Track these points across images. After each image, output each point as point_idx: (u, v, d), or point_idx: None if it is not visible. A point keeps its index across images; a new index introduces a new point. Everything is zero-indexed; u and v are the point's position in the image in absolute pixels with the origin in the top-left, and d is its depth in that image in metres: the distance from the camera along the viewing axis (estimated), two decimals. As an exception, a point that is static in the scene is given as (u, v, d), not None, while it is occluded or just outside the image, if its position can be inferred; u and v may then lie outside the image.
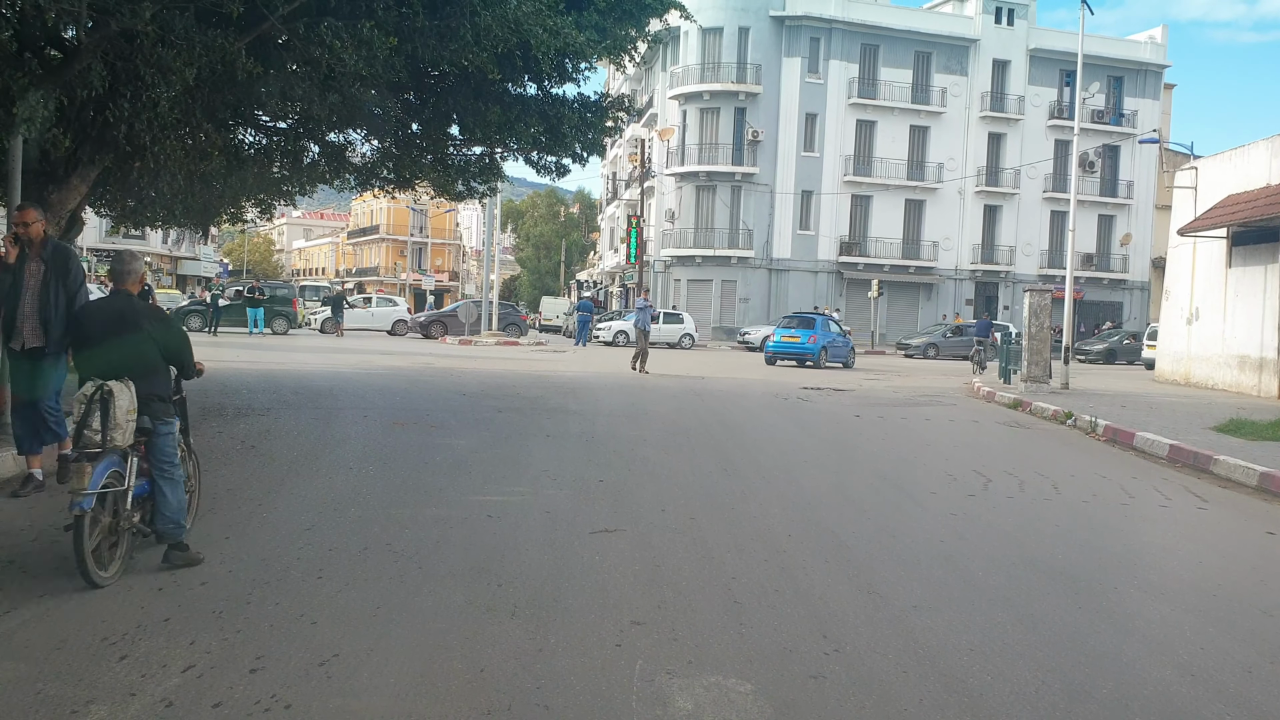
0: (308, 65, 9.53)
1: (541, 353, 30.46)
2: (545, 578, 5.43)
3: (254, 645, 4.21)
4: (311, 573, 5.31)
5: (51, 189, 9.92)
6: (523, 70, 11.82)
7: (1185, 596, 5.79)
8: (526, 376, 19.57)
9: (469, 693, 3.84)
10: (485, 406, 13.76)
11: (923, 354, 36.63)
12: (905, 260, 48.38)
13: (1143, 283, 51.31)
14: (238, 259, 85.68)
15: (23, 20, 8.45)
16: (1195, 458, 10.91)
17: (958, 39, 48.57)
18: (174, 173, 10.46)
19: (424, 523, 6.63)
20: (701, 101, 46.82)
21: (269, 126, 13.64)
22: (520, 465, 9.09)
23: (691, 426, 12.71)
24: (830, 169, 47.29)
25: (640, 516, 7.11)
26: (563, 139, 13.01)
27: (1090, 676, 4.34)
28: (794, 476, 9.33)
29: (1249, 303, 21.23)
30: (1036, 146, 49.41)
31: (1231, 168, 22.30)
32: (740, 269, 46.81)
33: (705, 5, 43.74)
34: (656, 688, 3.96)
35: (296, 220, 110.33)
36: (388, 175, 15.14)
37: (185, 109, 9.54)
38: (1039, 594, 5.60)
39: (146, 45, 8.37)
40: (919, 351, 37.07)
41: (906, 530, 7.13)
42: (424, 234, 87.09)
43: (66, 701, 3.61)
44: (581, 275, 74.98)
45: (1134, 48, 51.59)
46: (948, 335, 38.14)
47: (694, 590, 5.32)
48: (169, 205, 16.22)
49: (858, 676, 4.19)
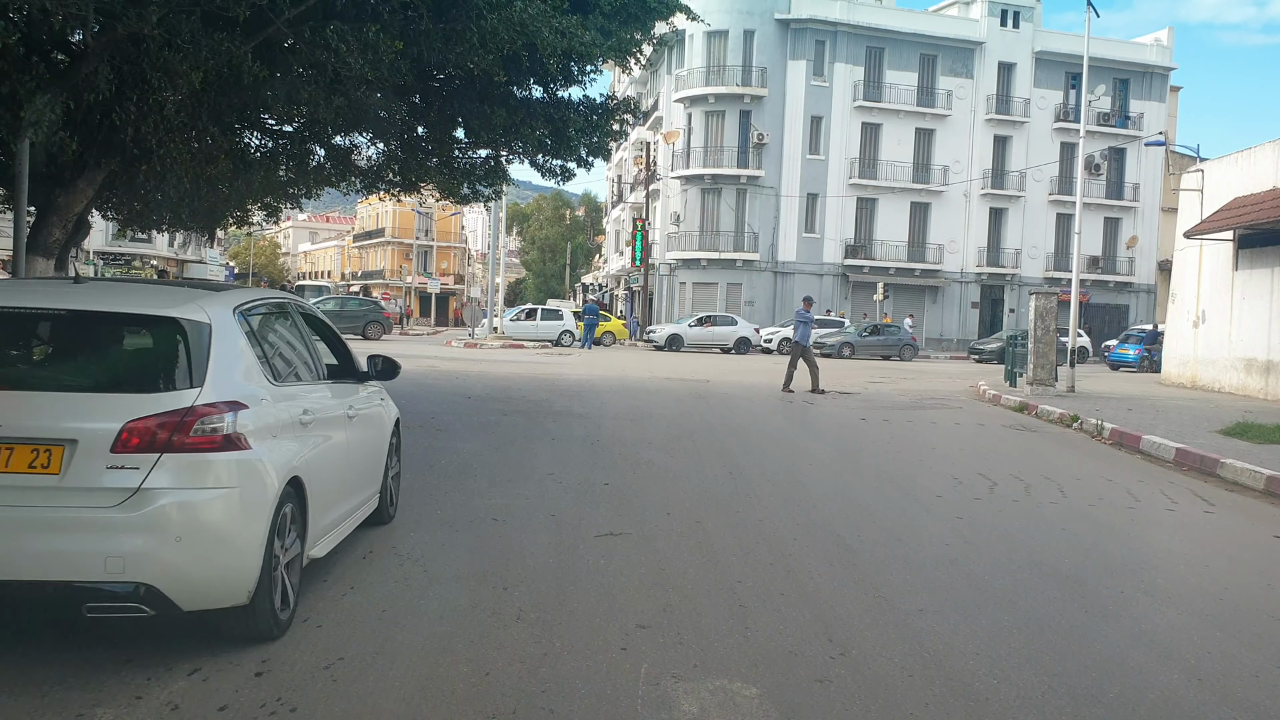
0: (313, 69, 9.56)
1: (547, 355, 30.48)
2: (550, 581, 5.43)
3: (259, 649, 4.21)
4: (316, 575, 5.31)
5: (58, 192, 9.96)
6: (528, 73, 11.85)
7: (1192, 600, 5.77)
8: (532, 379, 19.59)
9: (474, 696, 3.84)
10: (490, 409, 13.77)
11: (838, 353, 36.92)
12: (911, 263, 48.32)
13: (1149, 285, 51.18)
14: (244, 262, 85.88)
15: (30, 24, 8.48)
16: (1202, 461, 10.88)
17: (963, 42, 48.52)
18: (180, 176, 10.47)
19: (429, 526, 6.63)
20: (706, 104, 46.84)
21: (275, 130, 13.68)
22: (525, 468, 9.09)
23: (696, 429, 12.70)
24: (835, 172, 47.27)
25: (645, 520, 7.11)
26: (568, 142, 13.03)
27: (1096, 681, 4.32)
28: (799, 480, 9.32)
29: (1256, 305, 21.17)
30: (1042, 149, 49.33)
31: (1238, 170, 22.24)
32: (745, 272, 46.79)
33: (710, 8, 43.70)
34: (662, 691, 3.95)
35: (302, 223, 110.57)
36: (393, 178, 15.18)
37: (191, 112, 9.57)
38: (1045, 598, 5.58)
39: (153, 49, 8.40)
40: (834, 350, 37.32)
41: (912, 534, 7.12)
42: (429, 237, 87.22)
43: (72, 704, 3.61)
44: (587, 278, 75.05)
45: (1140, 50, 51.49)
46: (863, 334, 38.20)
47: (699, 594, 5.32)
48: (175, 208, 16.25)
49: (863, 680, 4.18)
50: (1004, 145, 49.51)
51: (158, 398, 4.04)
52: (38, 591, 3.81)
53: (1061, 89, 49.89)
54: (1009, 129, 49.36)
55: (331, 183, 15.68)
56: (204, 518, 3.98)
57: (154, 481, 3.87)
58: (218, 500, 4.02)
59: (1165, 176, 49.39)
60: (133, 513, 3.82)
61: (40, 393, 4.11)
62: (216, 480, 4.01)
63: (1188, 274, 24.38)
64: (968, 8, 50.11)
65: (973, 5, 49.77)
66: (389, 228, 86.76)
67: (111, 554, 3.77)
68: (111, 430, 3.87)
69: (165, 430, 3.93)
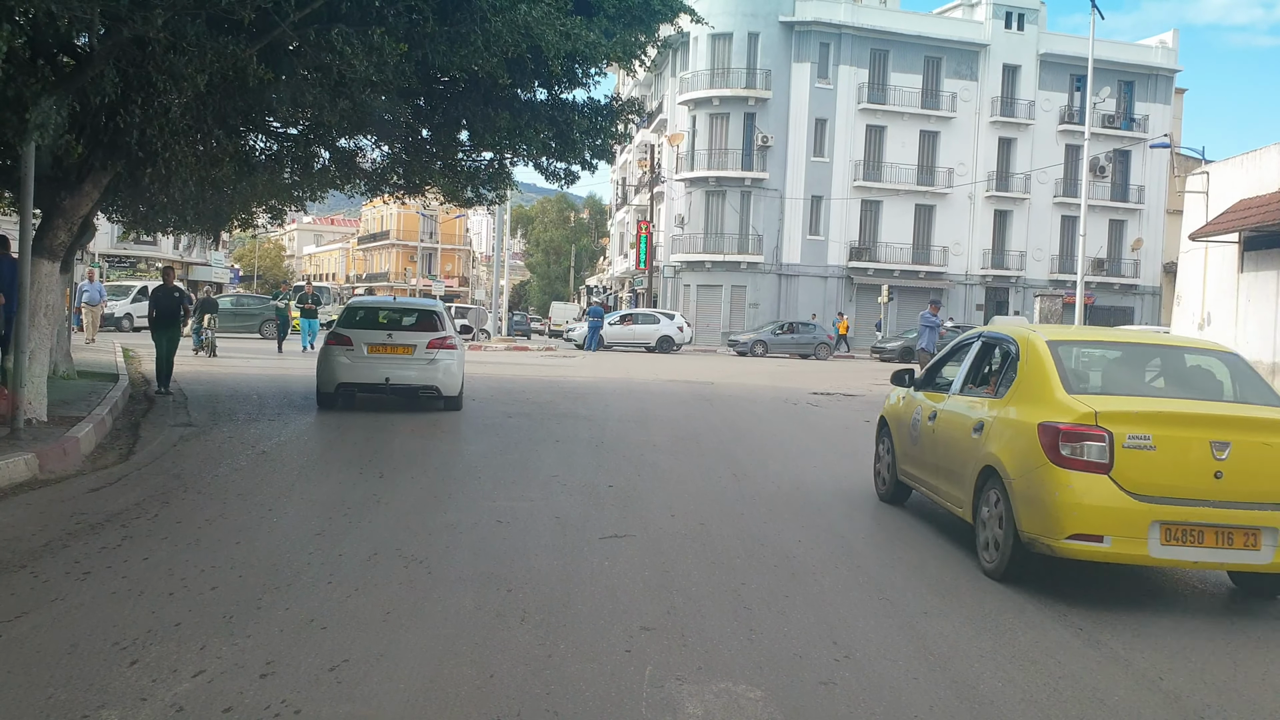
0: (319, 71, 9.56)
1: (551, 358, 30.48)
2: (555, 583, 5.43)
3: (264, 650, 4.22)
4: (321, 578, 5.32)
5: (64, 195, 9.98)
6: (533, 75, 11.85)
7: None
8: (536, 382, 19.60)
9: (478, 698, 3.84)
10: (495, 411, 13.78)
11: (749, 350, 37.12)
12: (915, 265, 48.27)
13: (1154, 288, 51.08)
14: (249, 264, 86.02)
15: (36, 27, 8.49)
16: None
17: (968, 44, 48.48)
18: (185, 179, 10.48)
19: (434, 528, 6.64)
20: (711, 107, 46.84)
21: (280, 132, 13.70)
22: (530, 470, 9.10)
23: (700, 431, 12.70)
24: (840, 174, 47.24)
25: (650, 522, 7.11)
26: (573, 145, 13.03)
27: (1103, 681, 4.31)
28: (803, 481, 9.31)
29: (1261, 308, 21.12)
30: (1047, 151, 49.27)
31: (1244, 172, 22.20)
32: (750, 274, 46.76)
33: (715, 11, 43.76)
34: (666, 694, 3.95)
35: (307, 226, 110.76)
36: (398, 181, 15.20)
37: (196, 115, 9.58)
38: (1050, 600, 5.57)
39: (158, 52, 8.41)
40: (747, 348, 37.49)
41: (917, 536, 7.11)
42: (434, 239, 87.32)
43: (78, 706, 3.61)
44: (591, 280, 75.01)
45: (1145, 52, 51.41)
46: (777, 333, 38.29)
47: (704, 596, 5.32)
48: (180, 211, 16.30)
49: (868, 682, 4.18)
50: (1009, 147, 49.45)
51: (432, 334, 13.14)
52: (424, 389, 13.11)
53: (1066, 91, 49.81)
54: (1014, 131, 49.30)
55: (336, 185, 15.71)
56: (448, 366, 13.13)
57: (436, 357, 12.98)
58: (453, 361, 13.23)
59: (1170, 179, 49.29)
60: (433, 363, 12.96)
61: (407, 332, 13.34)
62: (449, 356, 13.14)
63: (1193, 276, 24.33)
64: (972, 10, 50.08)
65: (977, 7, 49.72)
66: (393, 230, 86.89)
67: (429, 378, 12.97)
68: (426, 340, 13.00)
69: (437, 343, 13.04)
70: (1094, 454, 5.37)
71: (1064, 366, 6.01)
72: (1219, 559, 5.36)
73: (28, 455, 7.83)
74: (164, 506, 6.98)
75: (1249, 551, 5.28)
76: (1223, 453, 5.31)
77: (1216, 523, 5.26)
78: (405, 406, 13.62)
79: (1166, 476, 5.34)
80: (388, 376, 12.89)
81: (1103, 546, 5.31)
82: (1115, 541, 5.28)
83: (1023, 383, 6.14)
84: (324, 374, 13.13)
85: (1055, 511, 5.40)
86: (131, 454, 9.15)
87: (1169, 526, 5.25)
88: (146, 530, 6.23)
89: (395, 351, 12.99)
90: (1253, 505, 5.30)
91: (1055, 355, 6.09)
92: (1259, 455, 5.38)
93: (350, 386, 13.09)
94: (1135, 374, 6.48)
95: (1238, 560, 5.36)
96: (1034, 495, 5.55)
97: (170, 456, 9.07)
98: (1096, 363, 6.62)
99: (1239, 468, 5.31)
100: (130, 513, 6.69)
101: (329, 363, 13.04)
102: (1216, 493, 5.30)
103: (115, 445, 9.66)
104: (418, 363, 12.95)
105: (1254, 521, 5.26)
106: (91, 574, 5.23)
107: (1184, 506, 5.28)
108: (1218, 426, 5.42)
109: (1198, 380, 6.41)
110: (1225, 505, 5.29)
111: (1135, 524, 5.26)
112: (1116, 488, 5.32)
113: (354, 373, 12.91)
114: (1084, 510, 5.32)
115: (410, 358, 12.94)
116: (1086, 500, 5.32)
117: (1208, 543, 5.27)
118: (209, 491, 7.63)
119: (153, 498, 7.24)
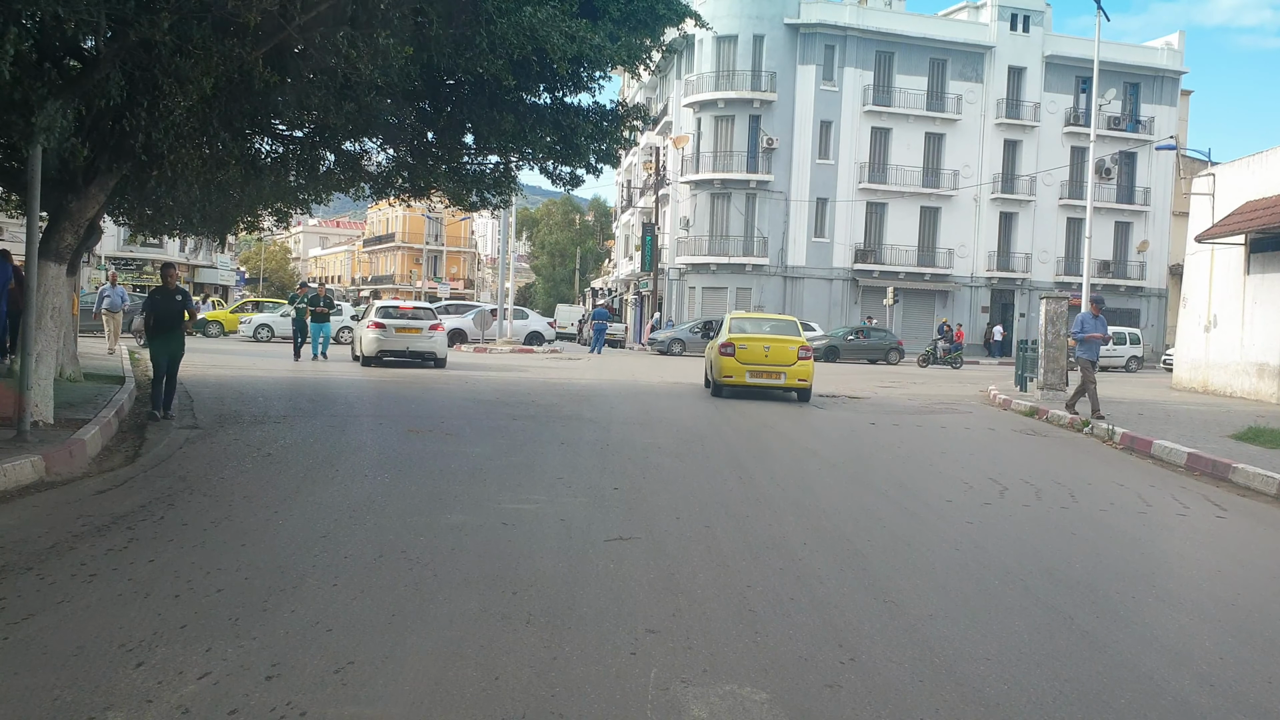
0: (324, 74, 9.60)
1: (556, 360, 30.49)
2: (560, 585, 5.43)
3: (270, 652, 4.22)
4: (327, 580, 5.32)
5: (70, 198, 10.01)
6: (538, 78, 11.87)
7: (1204, 606, 5.74)
8: (541, 384, 19.60)
9: (484, 701, 3.84)
10: (500, 414, 13.79)
11: (666, 348, 37.44)
12: (921, 268, 48.21)
13: (1160, 290, 50.99)
14: (254, 267, 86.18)
15: (43, 31, 8.53)
16: (1214, 466, 10.83)
17: (973, 46, 48.44)
18: (191, 181, 10.53)
19: (439, 530, 6.64)
20: (716, 109, 46.86)
21: (285, 135, 13.74)
22: (535, 473, 9.10)
23: (705, 433, 12.69)
24: (845, 176, 47.22)
25: (655, 524, 7.10)
26: (577, 148, 13.05)
27: (1108, 686, 4.30)
28: (808, 484, 9.30)
29: (1268, 310, 21.08)
30: (1052, 153, 49.21)
31: (1250, 174, 22.15)
32: (755, 276, 46.75)
33: (720, 13, 43.81)
34: (671, 696, 3.95)
35: (313, 228, 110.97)
36: (403, 184, 15.23)
37: (202, 118, 9.61)
38: (1056, 603, 5.56)
39: (164, 55, 8.44)
40: (663, 346, 37.81)
41: (922, 538, 7.10)
42: (439, 242, 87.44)
43: (84, 708, 3.62)
44: (596, 283, 75.02)
45: (1150, 54, 51.31)
46: (694, 331, 38.53)
47: (709, 598, 5.31)
48: (186, 213, 16.36)
49: (873, 686, 4.17)
50: (1014, 149, 49.39)
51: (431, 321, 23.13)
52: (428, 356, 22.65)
53: (1072, 93, 49.75)
54: (1019, 133, 49.25)
55: (341, 188, 15.75)
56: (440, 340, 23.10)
57: (434, 335, 22.66)
58: (443, 337, 23.34)
59: (1176, 180, 49.24)
60: (432, 339, 22.57)
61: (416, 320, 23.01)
62: (440, 335, 22.96)
63: (1199, 278, 24.28)
64: (977, 12, 50.05)
65: (983, 9, 49.70)
66: (399, 233, 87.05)
67: (430, 348, 22.57)
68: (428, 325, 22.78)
69: (435, 327, 22.95)
70: (730, 351, 16.99)
71: (734, 325, 17.90)
72: (767, 383, 16.91)
73: (34, 457, 7.85)
74: (170, 509, 6.99)
75: (776, 380, 16.90)
76: (768, 349, 16.91)
77: (765, 369, 16.84)
78: (407, 406, 13.61)
79: (750, 356, 16.86)
80: (408, 346, 22.14)
81: (732, 380, 17.00)
82: (735, 378, 16.95)
83: (720, 333, 17.99)
84: (368, 345, 22.24)
85: (720, 369, 17.17)
86: (138, 456, 9.17)
87: (752, 370, 16.85)
88: (152, 532, 6.24)
89: (411, 332, 22.22)
90: (777, 365, 16.84)
91: (732, 321, 18.33)
92: (778, 348, 16.93)
93: (386, 353, 22.07)
94: (756, 326, 18.15)
95: (773, 383, 16.92)
96: (715, 363, 17.54)
97: (176, 459, 9.09)
98: (745, 323, 18.38)
99: (772, 353, 16.87)
100: (136, 515, 6.70)
101: (373, 337, 22.12)
102: (765, 360, 16.84)
103: (121, 447, 9.68)
104: (424, 339, 22.34)
105: (777, 370, 16.83)
106: (98, 576, 5.24)
107: (756, 365, 16.83)
108: (766, 341, 17.02)
109: (783, 328, 18.22)
110: (767, 365, 16.82)
111: (741, 371, 16.89)
112: (736, 361, 16.91)
113: (388, 345, 22.05)
114: (727, 367, 17.01)
115: (419, 335, 22.26)
116: (728, 365, 16.98)
117: (764, 377, 16.84)
118: (215, 494, 7.64)
119: (159, 500, 7.25)
